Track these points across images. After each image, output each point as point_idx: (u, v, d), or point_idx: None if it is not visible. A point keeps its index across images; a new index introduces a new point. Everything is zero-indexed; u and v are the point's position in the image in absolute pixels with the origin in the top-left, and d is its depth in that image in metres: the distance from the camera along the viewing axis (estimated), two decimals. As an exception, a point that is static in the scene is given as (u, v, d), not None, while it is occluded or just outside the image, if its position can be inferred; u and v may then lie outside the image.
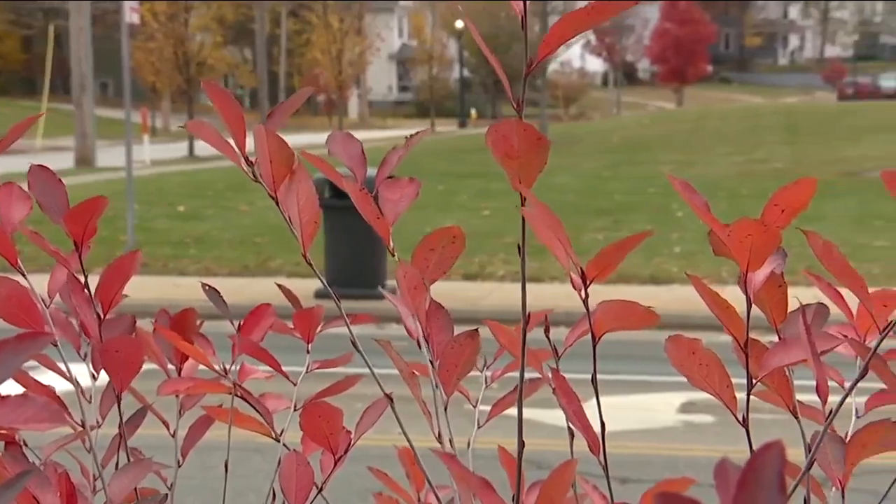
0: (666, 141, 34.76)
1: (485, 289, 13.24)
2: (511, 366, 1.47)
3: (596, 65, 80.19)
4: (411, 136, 1.46)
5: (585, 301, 1.14)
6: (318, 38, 52.29)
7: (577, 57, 73.60)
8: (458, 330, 1.37)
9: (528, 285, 1.24)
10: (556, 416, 1.24)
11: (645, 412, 8.52)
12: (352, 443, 1.35)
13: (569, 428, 1.19)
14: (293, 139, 1.43)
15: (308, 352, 1.59)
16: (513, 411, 1.39)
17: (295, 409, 1.48)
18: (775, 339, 1.18)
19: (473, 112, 61.03)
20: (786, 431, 1.21)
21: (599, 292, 1.12)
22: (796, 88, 79.13)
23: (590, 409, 1.19)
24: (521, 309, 1.25)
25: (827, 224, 17.74)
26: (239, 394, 1.40)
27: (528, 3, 1.14)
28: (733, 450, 1.29)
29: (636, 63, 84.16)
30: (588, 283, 1.15)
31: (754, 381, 1.11)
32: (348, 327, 1.39)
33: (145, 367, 1.44)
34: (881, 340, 1.13)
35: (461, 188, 23.21)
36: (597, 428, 1.15)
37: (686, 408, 8.41)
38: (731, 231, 1.06)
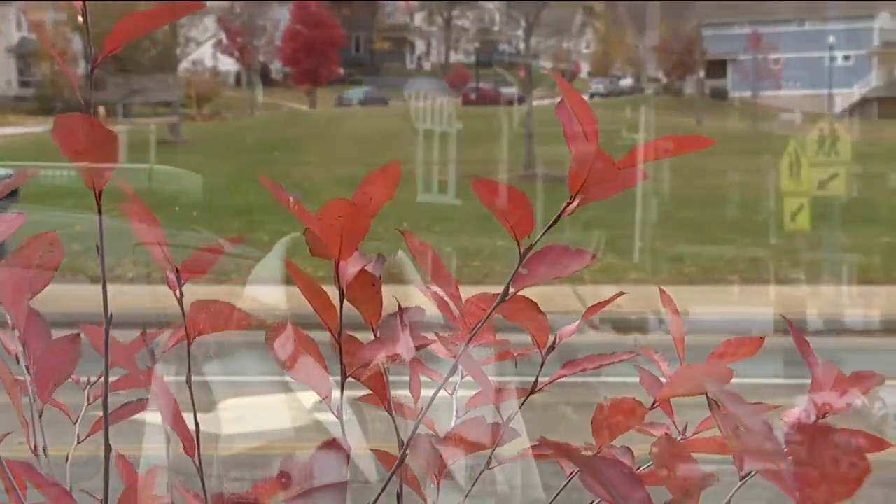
0: (301, 141, 34.99)
1: (114, 291, 12.81)
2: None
3: (229, 64, 79.47)
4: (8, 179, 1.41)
5: (180, 301, 1.14)
6: (-75, 28, 48.58)
7: (209, 56, 72.62)
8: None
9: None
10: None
11: (280, 411, 8.53)
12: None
13: (165, 432, 1.18)
14: None
15: None
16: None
17: None
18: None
19: (102, 109, 58.89)
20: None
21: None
22: (423, 92, 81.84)
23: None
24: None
25: (455, 224, 18.50)
26: None
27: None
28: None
29: (269, 64, 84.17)
30: (182, 282, 1.15)
31: (348, 375, 1.14)
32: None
33: None
34: (468, 341, 1.16)
35: (86, 188, 22.33)
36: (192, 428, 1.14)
37: (321, 406, 8.50)
38: (322, 213, 1.08)
